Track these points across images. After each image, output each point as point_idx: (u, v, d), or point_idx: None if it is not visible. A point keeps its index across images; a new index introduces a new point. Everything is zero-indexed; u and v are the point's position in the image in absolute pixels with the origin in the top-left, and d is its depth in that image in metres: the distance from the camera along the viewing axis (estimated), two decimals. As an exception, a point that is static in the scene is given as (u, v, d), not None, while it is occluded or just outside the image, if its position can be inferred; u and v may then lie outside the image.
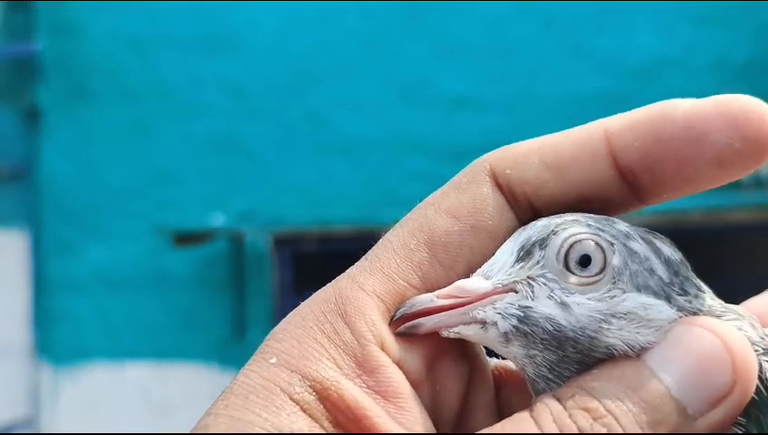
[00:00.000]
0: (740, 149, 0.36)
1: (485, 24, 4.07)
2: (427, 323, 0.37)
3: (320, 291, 0.38)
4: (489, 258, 0.38)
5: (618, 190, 0.39)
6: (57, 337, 4.29)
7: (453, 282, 0.38)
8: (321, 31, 4.16)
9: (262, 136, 4.17)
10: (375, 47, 4.14)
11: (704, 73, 3.88)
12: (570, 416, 0.33)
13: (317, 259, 4.25)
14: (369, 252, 0.39)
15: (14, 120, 4.30)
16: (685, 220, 3.54)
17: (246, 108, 4.19)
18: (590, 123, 0.40)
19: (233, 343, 4.10)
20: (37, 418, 4.27)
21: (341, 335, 0.36)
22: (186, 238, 3.93)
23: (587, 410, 0.33)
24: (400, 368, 0.36)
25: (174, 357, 4.18)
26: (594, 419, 0.33)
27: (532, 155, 0.39)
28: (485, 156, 0.41)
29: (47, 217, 4.32)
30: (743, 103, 0.37)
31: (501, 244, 0.39)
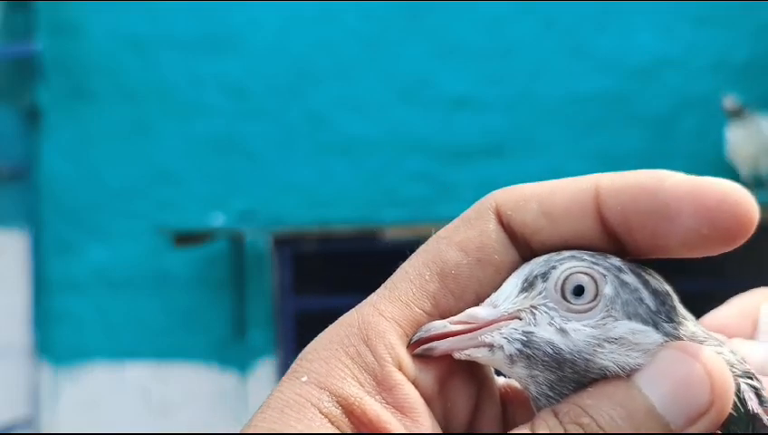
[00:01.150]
0: (707, 235, 0.39)
1: (485, 24, 4.09)
2: (441, 346, 0.41)
3: (344, 316, 0.43)
4: (496, 289, 0.43)
5: (603, 243, 0.42)
6: (57, 337, 4.30)
7: (463, 310, 0.42)
8: (321, 31, 4.17)
9: (262, 136, 4.19)
10: (375, 47, 4.15)
11: (703, 73, 3.88)
12: (564, 429, 0.38)
13: (317, 259, 4.26)
14: (388, 280, 0.43)
15: (14, 120, 4.32)
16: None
17: (246, 108, 4.21)
18: (585, 177, 0.43)
19: (232, 342, 4.12)
20: (37, 417, 4.29)
21: (363, 357, 0.40)
22: (186, 238, 3.94)
23: (580, 424, 0.38)
24: (416, 386, 0.41)
25: (174, 357, 4.19)
26: (585, 432, 0.37)
27: (533, 200, 0.43)
28: (493, 194, 0.45)
29: (47, 217, 4.34)
30: (719, 191, 0.39)
31: (506, 276, 0.43)
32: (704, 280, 3.96)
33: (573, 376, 0.41)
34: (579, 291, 0.41)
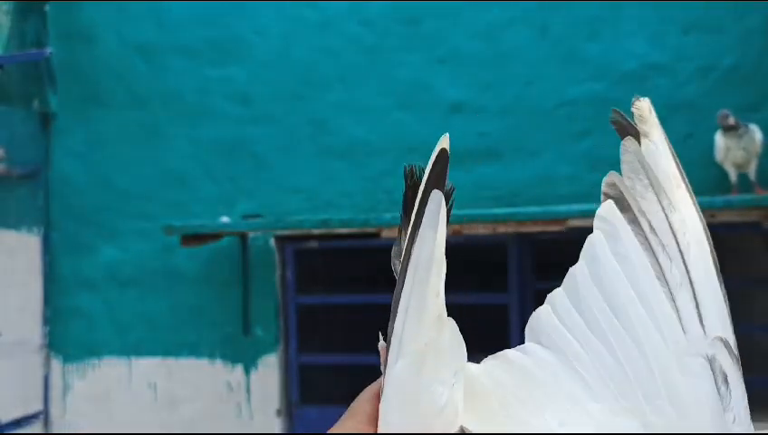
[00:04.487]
0: None
1: (481, 32, 4.13)
2: None
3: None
4: None
5: None
6: (68, 334, 4.35)
7: None
8: (324, 39, 4.22)
9: (266, 140, 4.23)
10: (375, 55, 4.20)
11: (692, 78, 3.92)
12: None
13: (319, 258, 4.29)
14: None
15: (26, 123, 4.35)
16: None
17: (252, 113, 4.25)
18: None
19: (238, 338, 4.17)
20: (48, 412, 4.33)
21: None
22: (193, 239, 3.95)
23: None
24: None
25: (181, 353, 4.24)
26: None
27: None
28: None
29: (59, 218, 4.38)
30: None
31: None
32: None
33: None
34: None
